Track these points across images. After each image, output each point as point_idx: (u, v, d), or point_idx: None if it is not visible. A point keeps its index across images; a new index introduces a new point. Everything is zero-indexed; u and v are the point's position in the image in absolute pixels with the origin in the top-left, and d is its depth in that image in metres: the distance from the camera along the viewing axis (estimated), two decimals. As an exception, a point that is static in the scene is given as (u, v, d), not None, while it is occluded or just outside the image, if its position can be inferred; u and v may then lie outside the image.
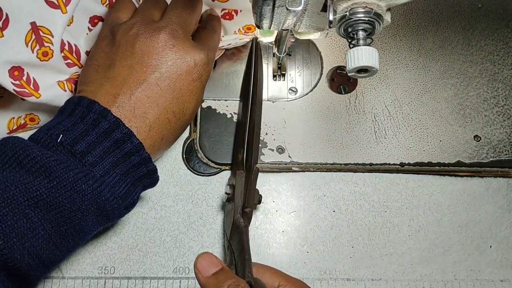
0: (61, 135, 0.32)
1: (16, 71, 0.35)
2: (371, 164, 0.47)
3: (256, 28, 0.45)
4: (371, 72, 0.33)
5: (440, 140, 0.48)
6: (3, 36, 0.33)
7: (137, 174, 0.35)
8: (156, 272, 0.43)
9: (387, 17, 0.33)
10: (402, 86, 0.50)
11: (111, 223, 0.36)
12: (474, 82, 0.50)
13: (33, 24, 0.35)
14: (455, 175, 0.48)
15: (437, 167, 0.47)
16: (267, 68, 0.50)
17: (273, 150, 0.47)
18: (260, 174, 0.46)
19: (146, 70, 0.35)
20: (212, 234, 0.45)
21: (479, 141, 0.48)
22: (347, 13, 0.31)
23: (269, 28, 0.37)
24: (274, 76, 0.49)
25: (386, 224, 0.46)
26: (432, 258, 0.45)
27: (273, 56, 0.48)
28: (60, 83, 0.39)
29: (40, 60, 0.36)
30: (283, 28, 0.38)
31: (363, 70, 0.33)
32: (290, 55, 0.49)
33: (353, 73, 0.33)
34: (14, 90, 0.35)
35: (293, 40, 0.43)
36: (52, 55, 0.37)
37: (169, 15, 0.38)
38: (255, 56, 0.46)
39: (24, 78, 0.36)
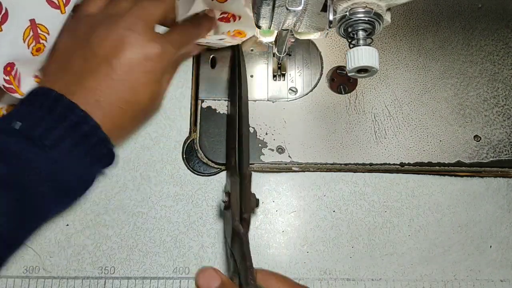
0: (19, 122, 0.33)
1: (9, 66, 0.35)
2: (371, 164, 0.47)
3: (250, 32, 0.45)
4: (371, 72, 0.33)
5: (440, 140, 0.48)
6: (1, 30, 0.33)
7: (95, 154, 0.36)
8: (156, 272, 0.43)
9: (387, 17, 0.33)
10: (402, 86, 0.50)
11: (72, 203, 0.37)
12: (474, 82, 0.50)
13: (32, 21, 0.35)
14: (455, 175, 0.48)
15: (437, 167, 0.47)
16: (267, 68, 0.50)
17: (273, 150, 0.47)
18: (260, 174, 0.47)
19: (99, 61, 0.36)
20: (212, 234, 0.45)
21: (479, 141, 0.48)
22: (347, 13, 0.31)
23: (269, 28, 0.37)
24: (274, 76, 0.49)
25: (386, 224, 0.46)
26: (432, 258, 0.45)
27: (273, 56, 0.48)
28: (37, 78, 0.40)
29: (33, 55, 0.37)
30: (283, 28, 0.38)
31: (363, 70, 0.33)
32: (290, 55, 0.49)
33: (353, 73, 0.33)
34: (3, 85, 0.36)
35: (293, 40, 0.43)
36: (43, 52, 0.37)
37: (133, 8, 0.39)
38: (238, 59, 0.46)
39: (13, 73, 0.36)
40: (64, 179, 0.34)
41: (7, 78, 0.36)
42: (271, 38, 0.48)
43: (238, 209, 0.40)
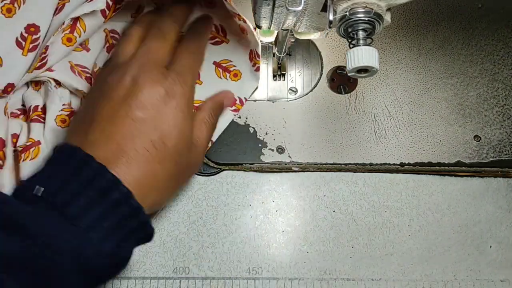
0: (42, 187, 0.30)
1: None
2: (371, 164, 0.47)
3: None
4: (371, 72, 0.33)
5: (440, 140, 0.48)
6: None
7: (127, 227, 0.32)
8: (156, 272, 0.43)
9: (387, 17, 0.33)
10: (402, 86, 0.50)
11: (105, 282, 0.33)
12: (474, 82, 0.50)
13: None
14: (455, 175, 0.48)
15: (437, 167, 0.47)
16: (267, 68, 0.50)
17: (273, 150, 0.47)
18: (260, 174, 0.47)
19: (114, 105, 0.34)
20: (212, 234, 0.45)
21: (479, 141, 0.48)
22: (347, 13, 0.32)
23: (269, 28, 0.37)
24: (274, 76, 0.49)
25: (386, 224, 0.46)
26: (432, 258, 0.45)
27: (273, 56, 0.48)
28: None
29: None
30: (283, 28, 0.38)
31: (363, 70, 0.33)
32: (290, 55, 0.49)
33: (353, 73, 0.33)
34: None
35: (293, 40, 0.43)
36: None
37: (138, 53, 0.37)
38: None
39: None
40: (88, 257, 0.29)
41: None
42: (271, 38, 0.48)
43: None
